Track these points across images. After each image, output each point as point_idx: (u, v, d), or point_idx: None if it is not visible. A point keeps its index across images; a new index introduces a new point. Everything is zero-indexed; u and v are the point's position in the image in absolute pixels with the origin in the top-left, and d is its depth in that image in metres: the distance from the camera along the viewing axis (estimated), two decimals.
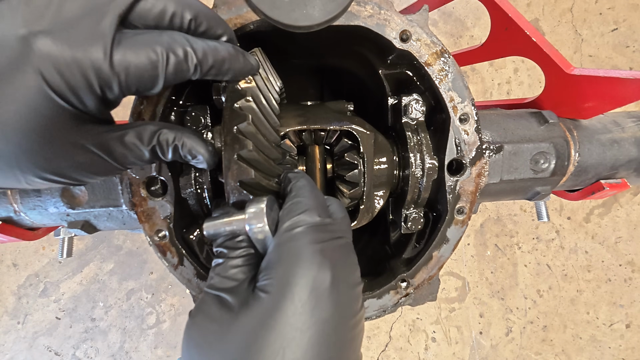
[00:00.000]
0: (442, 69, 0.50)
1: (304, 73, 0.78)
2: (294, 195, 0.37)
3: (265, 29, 0.49)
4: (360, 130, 0.50)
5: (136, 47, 0.32)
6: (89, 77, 0.30)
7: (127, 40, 0.32)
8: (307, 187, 0.38)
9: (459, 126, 0.50)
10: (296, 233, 0.34)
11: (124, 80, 0.32)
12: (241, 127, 0.38)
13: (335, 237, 0.35)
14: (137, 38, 0.32)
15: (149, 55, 0.32)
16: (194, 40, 0.35)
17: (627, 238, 2.08)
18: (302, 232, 0.34)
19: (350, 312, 0.33)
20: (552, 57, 0.60)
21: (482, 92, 2.17)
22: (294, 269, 0.32)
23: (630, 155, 0.61)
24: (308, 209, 0.35)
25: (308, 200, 0.36)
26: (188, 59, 0.34)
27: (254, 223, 0.35)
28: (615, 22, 2.15)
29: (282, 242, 0.34)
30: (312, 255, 0.32)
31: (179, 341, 2.04)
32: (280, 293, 0.31)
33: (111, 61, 0.31)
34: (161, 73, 0.33)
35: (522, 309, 2.09)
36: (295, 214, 0.35)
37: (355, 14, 0.48)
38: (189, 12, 0.35)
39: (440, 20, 2.20)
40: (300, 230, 0.34)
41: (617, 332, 2.04)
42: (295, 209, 0.35)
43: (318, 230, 0.34)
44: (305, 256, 0.32)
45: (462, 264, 2.11)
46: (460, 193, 0.52)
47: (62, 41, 0.29)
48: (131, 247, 2.08)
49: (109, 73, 0.31)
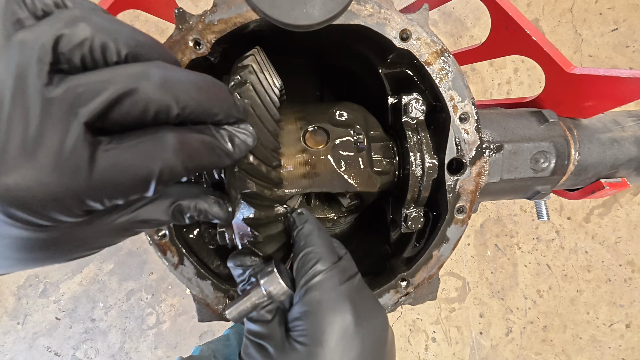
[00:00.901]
0: (442, 68, 0.50)
1: (304, 72, 0.78)
2: (304, 245, 0.40)
3: (265, 28, 0.49)
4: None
5: (117, 165, 0.25)
6: (66, 207, 0.25)
7: (103, 156, 0.25)
8: (314, 233, 0.41)
9: (459, 125, 0.50)
10: (315, 284, 0.37)
11: (108, 199, 0.26)
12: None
13: (348, 277, 0.38)
14: (117, 152, 0.25)
15: (135, 173, 0.26)
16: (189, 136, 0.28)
17: (627, 238, 2.08)
18: (320, 282, 0.37)
19: (376, 337, 0.37)
20: (552, 56, 0.60)
21: (482, 92, 2.17)
22: (320, 319, 0.35)
23: (631, 155, 0.61)
24: (320, 258, 0.38)
25: (318, 248, 0.39)
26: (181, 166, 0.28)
27: (273, 290, 0.38)
28: (615, 22, 2.15)
29: (304, 294, 0.37)
30: (333, 303, 0.36)
31: (179, 341, 2.04)
32: (313, 344, 0.35)
33: (89, 187, 0.25)
34: (152, 185, 0.27)
35: (522, 309, 2.08)
36: (310, 265, 0.38)
37: (355, 12, 0.48)
38: (176, 105, 0.26)
39: (440, 20, 2.20)
40: (318, 280, 0.37)
41: (617, 332, 2.04)
42: (308, 260, 0.38)
43: (333, 275, 0.37)
44: (328, 305, 0.36)
45: (462, 264, 2.11)
46: (460, 192, 0.52)
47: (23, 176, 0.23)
48: (131, 247, 2.08)
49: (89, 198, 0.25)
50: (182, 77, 0.27)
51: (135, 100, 0.25)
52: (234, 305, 0.39)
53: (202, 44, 0.46)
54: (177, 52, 0.46)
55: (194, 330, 2.05)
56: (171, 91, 0.26)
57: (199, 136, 0.29)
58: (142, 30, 0.28)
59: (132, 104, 0.25)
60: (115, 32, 0.26)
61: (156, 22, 2.11)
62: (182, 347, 2.02)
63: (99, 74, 0.25)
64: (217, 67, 0.52)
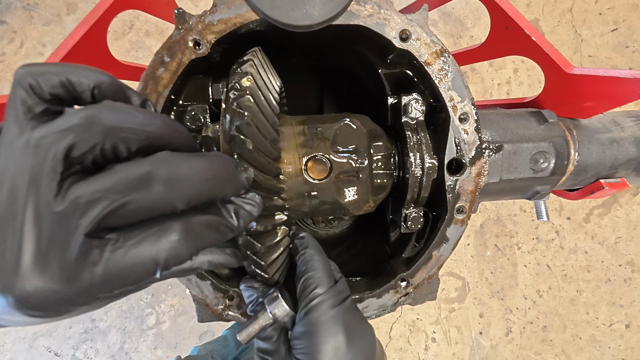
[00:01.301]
0: (442, 69, 0.50)
1: (304, 72, 0.78)
2: (305, 270, 0.44)
3: (265, 28, 0.49)
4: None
5: (124, 262, 0.26)
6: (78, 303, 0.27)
7: (110, 257, 0.26)
8: (314, 258, 0.45)
9: (458, 125, 0.50)
10: (313, 306, 0.41)
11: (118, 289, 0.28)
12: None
13: (342, 299, 0.42)
14: (123, 251, 0.26)
15: (142, 266, 0.27)
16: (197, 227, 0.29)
17: (626, 238, 2.08)
18: (317, 305, 0.41)
19: (366, 354, 0.42)
20: (551, 56, 0.60)
21: (482, 92, 2.17)
22: (316, 339, 0.40)
23: (630, 155, 0.61)
24: (320, 284, 0.42)
25: (318, 274, 0.43)
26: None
27: (277, 313, 0.43)
28: (615, 22, 2.16)
29: (304, 316, 0.41)
30: (328, 324, 0.40)
31: (178, 342, 2.04)
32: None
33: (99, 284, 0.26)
34: (158, 272, 0.28)
35: (522, 309, 2.09)
36: (310, 290, 0.42)
37: (354, 13, 0.48)
38: (182, 202, 0.27)
39: (440, 21, 2.21)
40: (315, 303, 0.41)
41: (616, 332, 2.04)
42: (308, 285, 0.42)
43: (329, 298, 0.42)
44: (323, 326, 0.40)
45: (462, 264, 2.11)
46: (459, 192, 0.52)
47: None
48: None
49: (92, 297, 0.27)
50: (188, 170, 0.28)
51: (135, 206, 0.26)
52: (245, 328, 0.43)
53: (201, 44, 0.46)
54: (176, 52, 0.46)
55: (194, 331, 2.05)
56: (176, 190, 0.27)
57: (204, 218, 0.30)
58: (142, 30, 0.28)
59: (133, 210, 0.26)
60: (126, 130, 0.27)
61: (156, 22, 2.11)
62: (182, 347, 2.02)
63: (102, 180, 0.26)
64: (217, 67, 0.52)
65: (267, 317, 0.43)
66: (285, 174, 0.49)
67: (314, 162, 0.50)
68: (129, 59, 1.91)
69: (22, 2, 2.16)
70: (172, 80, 0.47)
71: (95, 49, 0.61)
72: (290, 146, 0.50)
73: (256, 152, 0.39)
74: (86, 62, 0.61)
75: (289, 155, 0.49)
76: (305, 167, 0.49)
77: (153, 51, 1.72)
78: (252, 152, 0.39)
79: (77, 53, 0.57)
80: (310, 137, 0.50)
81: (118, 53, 1.66)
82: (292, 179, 0.49)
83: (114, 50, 0.63)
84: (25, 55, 2.14)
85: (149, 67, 0.46)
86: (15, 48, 2.14)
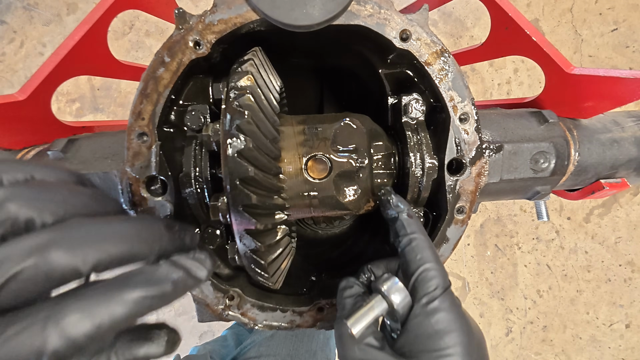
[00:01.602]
0: (442, 69, 0.50)
1: (304, 72, 0.78)
2: (421, 259, 0.40)
3: (266, 28, 0.49)
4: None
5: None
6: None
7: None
8: (427, 246, 0.42)
9: (459, 126, 0.50)
10: (440, 303, 0.38)
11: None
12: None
13: (449, 286, 0.40)
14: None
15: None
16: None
17: (627, 238, 2.08)
18: (443, 301, 0.38)
19: (481, 344, 0.40)
20: (552, 56, 0.60)
21: (482, 92, 2.17)
22: (445, 338, 0.36)
23: (630, 155, 0.61)
24: (441, 277, 0.39)
25: (436, 265, 0.40)
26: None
27: (397, 302, 0.38)
28: (615, 23, 2.16)
29: (433, 312, 0.38)
30: (455, 323, 0.37)
31: None
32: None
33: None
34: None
35: (522, 309, 2.08)
36: (434, 283, 0.39)
37: (355, 13, 0.48)
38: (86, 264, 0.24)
39: (440, 21, 2.20)
40: (442, 299, 0.38)
41: (616, 332, 2.04)
42: (430, 278, 0.39)
43: (451, 293, 0.39)
44: (452, 325, 0.37)
45: (462, 264, 2.11)
46: (460, 192, 0.52)
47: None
48: None
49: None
50: (96, 233, 0.25)
51: (29, 276, 0.22)
52: (356, 316, 0.38)
53: (202, 44, 0.46)
54: (177, 52, 0.46)
55: (194, 331, 2.05)
56: (80, 255, 0.24)
57: (116, 296, 0.24)
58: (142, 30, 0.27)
59: (26, 282, 0.22)
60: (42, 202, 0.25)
61: (156, 22, 2.11)
62: (182, 347, 2.02)
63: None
64: (217, 67, 0.52)
65: (383, 304, 0.38)
66: (286, 173, 0.49)
67: (314, 161, 0.50)
68: (129, 59, 1.90)
69: (22, 2, 2.16)
70: (173, 80, 0.47)
71: (95, 49, 0.61)
72: (291, 145, 0.50)
73: (256, 150, 0.39)
74: (86, 62, 0.61)
75: (289, 155, 0.49)
76: (305, 166, 0.50)
77: (153, 51, 1.72)
78: (252, 151, 0.39)
79: (77, 53, 0.57)
80: (311, 136, 0.50)
81: (118, 53, 1.66)
82: (292, 178, 0.49)
83: (114, 50, 0.63)
84: (25, 55, 2.14)
85: (149, 67, 0.46)
86: (15, 48, 2.14)
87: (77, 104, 2.14)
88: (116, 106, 2.12)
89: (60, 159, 0.53)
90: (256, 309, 0.52)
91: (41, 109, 0.58)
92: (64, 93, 2.13)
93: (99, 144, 0.55)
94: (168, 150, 0.48)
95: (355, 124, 0.51)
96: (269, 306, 0.52)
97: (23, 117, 0.56)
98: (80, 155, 0.53)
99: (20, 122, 0.57)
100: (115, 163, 0.51)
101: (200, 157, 0.51)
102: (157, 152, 0.47)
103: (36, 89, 0.55)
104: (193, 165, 0.50)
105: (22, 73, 2.13)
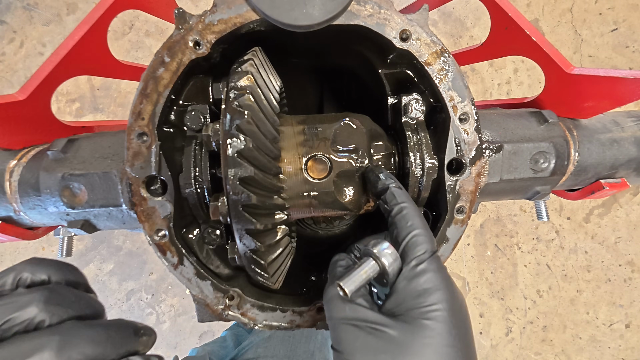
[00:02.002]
0: (442, 69, 0.50)
1: (304, 72, 0.78)
2: (412, 225, 0.42)
3: (265, 28, 0.49)
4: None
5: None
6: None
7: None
8: (416, 214, 0.43)
9: (458, 126, 0.50)
10: (428, 265, 0.40)
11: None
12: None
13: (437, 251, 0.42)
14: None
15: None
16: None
17: (626, 238, 2.08)
18: (430, 264, 0.40)
19: (466, 308, 0.42)
20: (552, 56, 0.60)
21: (482, 92, 2.17)
22: (432, 296, 0.38)
23: (630, 155, 0.61)
24: (428, 242, 0.41)
25: (425, 232, 0.42)
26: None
27: (387, 263, 0.39)
28: (615, 22, 2.16)
29: (421, 274, 0.39)
30: (442, 283, 0.39)
31: (178, 342, 2.04)
32: (450, 318, 0.38)
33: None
34: None
35: (522, 309, 2.09)
36: (422, 248, 0.41)
37: (355, 13, 0.48)
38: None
39: (440, 21, 2.21)
40: (430, 262, 0.40)
41: (616, 332, 2.04)
42: (420, 242, 0.41)
43: (437, 258, 0.41)
44: (438, 285, 0.39)
45: (462, 264, 2.11)
46: (460, 192, 0.52)
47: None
48: (131, 247, 2.08)
49: None
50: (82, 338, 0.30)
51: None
52: (349, 278, 0.39)
53: (202, 44, 0.46)
54: (177, 52, 0.46)
55: (194, 331, 2.05)
56: (62, 357, 0.28)
57: None
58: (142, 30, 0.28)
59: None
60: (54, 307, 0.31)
61: (156, 22, 2.11)
62: (182, 347, 2.02)
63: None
64: (217, 67, 0.52)
65: (374, 266, 0.40)
66: (285, 173, 0.49)
67: (314, 161, 0.50)
68: (129, 59, 1.90)
69: (22, 2, 2.16)
70: (173, 80, 0.47)
71: (95, 49, 0.61)
72: (290, 145, 0.50)
73: (256, 150, 0.39)
74: (86, 62, 0.61)
75: (289, 155, 0.49)
76: (305, 166, 0.50)
77: (153, 51, 1.72)
78: (252, 151, 0.39)
79: (77, 53, 0.57)
80: (310, 136, 0.50)
81: (118, 53, 1.66)
82: (292, 178, 0.49)
83: (114, 50, 0.63)
84: (25, 55, 2.14)
85: (149, 67, 0.46)
86: (15, 48, 2.14)
87: (77, 104, 2.14)
88: (116, 106, 2.12)
89: (60, 159, 0.53)
90: (256, 309, 0.52)
91: (41, 109, 0.58)
92: (64, 93, 2.13)
93: (98, 144, 0.55)
94: (168, 150, 0.48)
95: (355, 124, 0.51)
96: (269, 306, 0.52)
97: (23, 117, 0.56)
98: (80, 155, 0.53)
99: (20, 122, 0.57)
100: (115, 163, 0.51)
101: (200, 157, 0.51)
102: (157, 152, 0.47)
103: (36, 89, 0.55)
104: (193, 165, 0.50)
105: (22, 73, 2.13)
